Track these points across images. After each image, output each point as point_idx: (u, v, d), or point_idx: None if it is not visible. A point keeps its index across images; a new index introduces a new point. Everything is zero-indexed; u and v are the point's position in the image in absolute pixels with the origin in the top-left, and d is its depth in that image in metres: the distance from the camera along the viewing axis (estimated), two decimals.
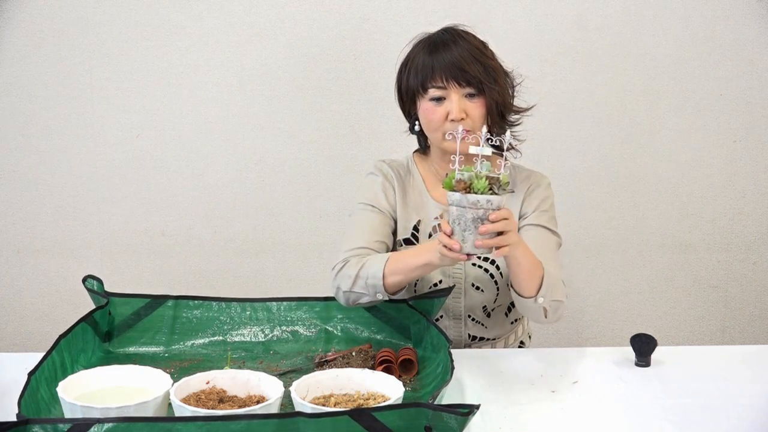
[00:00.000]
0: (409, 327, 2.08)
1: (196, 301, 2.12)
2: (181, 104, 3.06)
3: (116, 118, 3.07)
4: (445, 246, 1.79)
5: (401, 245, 2.20)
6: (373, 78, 3.01)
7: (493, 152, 1.87)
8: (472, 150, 1.81)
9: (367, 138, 3.06)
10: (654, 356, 1.99)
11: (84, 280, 2.10)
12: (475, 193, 1.73)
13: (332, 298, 2.12)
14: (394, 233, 2.22)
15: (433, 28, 2.20)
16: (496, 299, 2.19)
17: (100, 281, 2.12)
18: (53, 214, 3.13)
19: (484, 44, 2.15)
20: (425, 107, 2.10)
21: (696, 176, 3.13)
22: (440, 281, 2.17)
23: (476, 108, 2.07)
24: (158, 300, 2.11)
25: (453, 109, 2.05)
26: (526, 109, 2.21)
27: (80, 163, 3.09)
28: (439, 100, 2.07)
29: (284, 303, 2.14)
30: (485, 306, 2.20)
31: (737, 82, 3.07)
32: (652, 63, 3.05)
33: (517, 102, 2.21)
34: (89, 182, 3.10)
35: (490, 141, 1.86)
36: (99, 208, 3.12)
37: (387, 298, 2.04)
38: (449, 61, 2.06)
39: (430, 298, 2.07)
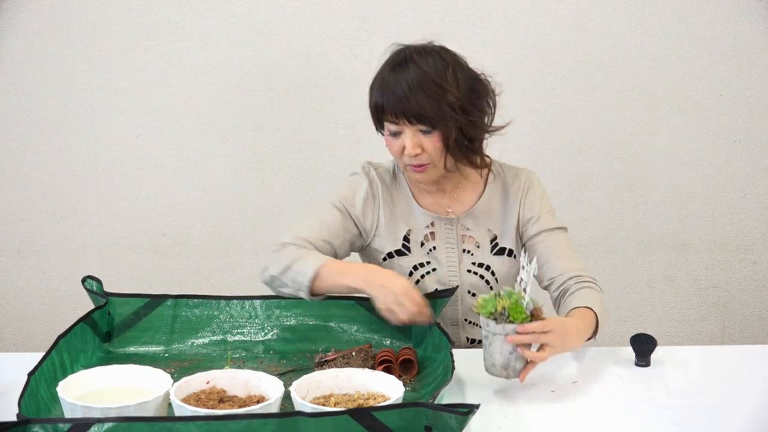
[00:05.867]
0: (410, 327, 2.08)
1: (195, 300, 2.12)
2: (181, 104, 3.06)
3: (116, 118, 3.07)
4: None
5: (392, 257, 2.17)
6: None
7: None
8: (524, 275, 1.80)
9: (367, 138, 3.05)
10: (654, 356, 1.99)
11: (83, 281, 2.10)
12: (512, 322, 1.77)
13: (332, 297, 2.11)
14: (363, 245, 2.20)
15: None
16: None
17: (99, 282, 2.12)
18: (53, 214, 3.13)
19: (444, 68, 2.00)
20: (385, 138, 2.07)
21: (696, 176, 3.13)
22: (436, 289, 2.15)
23: (432, 143, 2.01)
24: (157, 299, 2.11)
25: (407, 145, 2.01)
26: (501, 128, 2.10)
27: (80, 163, 3.09)
28: (395, 134, 2.03)
29: (284, 301, 2.13)
30: None
31: (737, 82, 3.07)
32: (652, 63, 3.05)
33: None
34: (89, 182, 3.10)
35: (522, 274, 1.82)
36: (99, 208, 3.12)
37: (308, 299, 2.03)
38: (399, 97, 1.98)
39: (433, 299, 2.07)
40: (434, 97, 1.97)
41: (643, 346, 1.98)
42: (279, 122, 3.08)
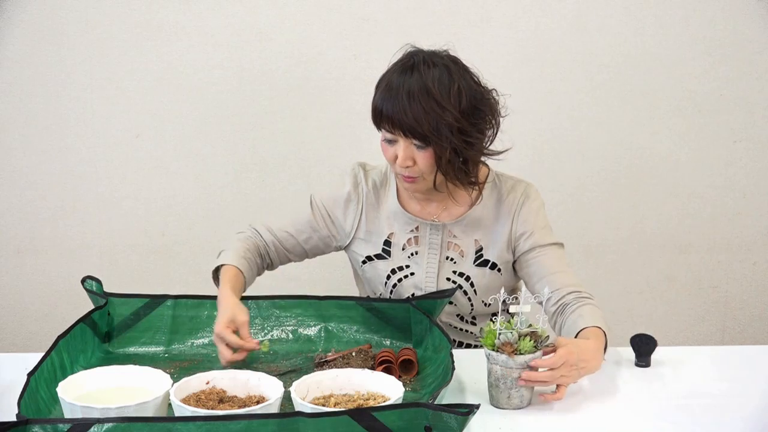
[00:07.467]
0: (409, 327, 2.08)
1: (195, 300, 2.12)
2: (181, 104, 3.06)
3: (116, 118, 3.07)
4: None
5: (371, 260, 2.18)
6: (373, 78, 2.99)
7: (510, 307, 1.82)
8: (513, 309, 1.79)
9: (367, 138, 3.04)
10: (654, 356, 1.99)
11: (83, 281, 2.10)
12: (521, 353, 1.75)
13: (331, 297, 2.12)
14: (338, 247, 2.25)
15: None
16: (471, 311, 2.18)
17: (99, 282, 2.12)
18: (53, 214, 3.13)
19: (449, 84, 1.96)
20: (381, 142, 2.06)
21: (696, 176, 3.13)
22: (413, 294, 2.15)
23: (424, 158, 1.99)
24: (157, 300, 2.11)
25: (399, 155, 2.00)
26: (499, 152, 2.07)
27: (80, 163, 3.09)
28: (390, 141, 2.02)
29: (283, 301, 2.13)
30: (462, 316, 2.19)
31: (737, 82, 3.07)
32: (652, 63, 3.05)
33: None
34: (89, 182, 3.10)
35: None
36: (99, 208, 3.12)
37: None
38: (398, 109, 1.96)
39: (432, 299, 2.07)
40: (432, 116, 1.94)
41: (643, 346, 1.98)
42: (279, 122, 3.07)
